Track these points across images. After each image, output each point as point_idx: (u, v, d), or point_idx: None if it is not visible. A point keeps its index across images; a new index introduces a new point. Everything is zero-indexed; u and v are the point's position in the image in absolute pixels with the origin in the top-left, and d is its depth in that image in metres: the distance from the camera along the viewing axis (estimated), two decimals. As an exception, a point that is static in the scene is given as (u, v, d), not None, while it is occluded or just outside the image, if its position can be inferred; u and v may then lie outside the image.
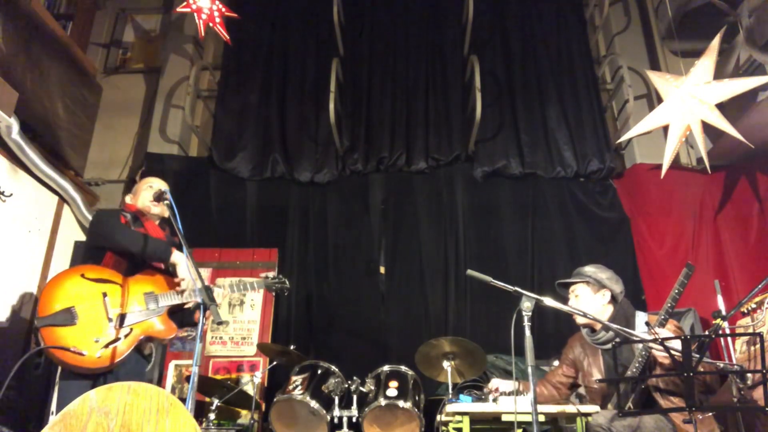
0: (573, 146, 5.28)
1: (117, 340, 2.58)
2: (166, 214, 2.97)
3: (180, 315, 2.88)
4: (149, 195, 2.94)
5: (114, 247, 2.73)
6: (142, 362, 2.79)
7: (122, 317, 2.63)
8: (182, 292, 2.77)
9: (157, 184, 3.00)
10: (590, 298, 2.97)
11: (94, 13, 6.04)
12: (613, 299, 2.97)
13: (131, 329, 2.64)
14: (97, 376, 2.53)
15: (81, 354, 2.46)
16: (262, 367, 4.41)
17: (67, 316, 2.53)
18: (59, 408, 2.56)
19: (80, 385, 2.48)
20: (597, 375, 2.92)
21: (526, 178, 5.26)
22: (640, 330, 2.75)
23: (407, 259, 5.04)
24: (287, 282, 3.27)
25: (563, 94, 5.50)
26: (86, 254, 2.84)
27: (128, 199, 3.08)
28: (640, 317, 2.89)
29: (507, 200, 5.21)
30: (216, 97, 5.80)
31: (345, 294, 4.94)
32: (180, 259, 2.76)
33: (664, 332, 2.53)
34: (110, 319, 2.60)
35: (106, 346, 2.54)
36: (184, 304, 2.81)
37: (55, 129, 4.68)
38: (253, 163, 5.32)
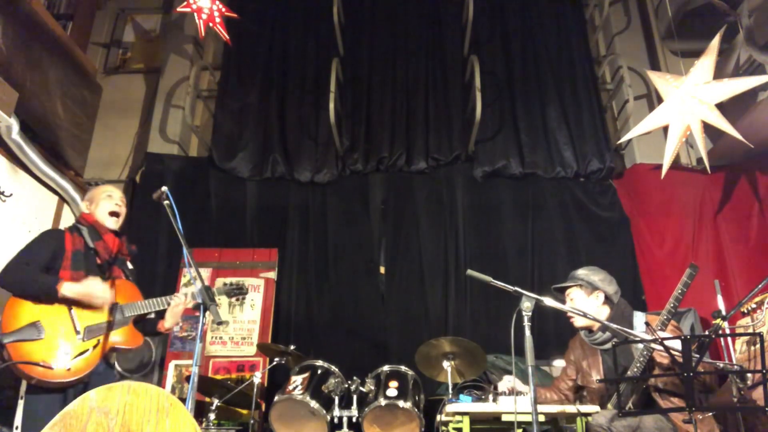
0: (573, 146, 5.27)
1: (85, 351, 2.59)
2: (118, 225, 2.93)
3: (142, 324, 2.90)
4: (108, 206, 2.87)
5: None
6: (110, 371, 2.80)
7: (90, 329, 2.64)
8: (148, 301, 2.81)
9: (116, 194, 2.94)
10: (584, 301, 2.97)
11: (94, 13, 6.04)
12: (608, 300, 2.97)
13: (99, 340, 2.65)
14: (67, 389, 2.53)
15: (50, 368, 2.45)
16: (262, 367, 4.41)
17: (33, 331, 2.52)
18: (25, 424, 2.52)
19: (49, 399, 2.47)
20: (595, 375, 2.92)
21: (526, 178, 5.26)
22: (639, 331, 2.75)
23: (407, 259, 5.04)
24: (243, 287, 3.27)
25: (563, 94, 5.50)
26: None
27: (83, 206, 2.95)
28: (639, 317, 2.89)
29: (507, 200, 5.20)
30: (216, 97, 5.80)
31: (345, 294, 4.94)
32: (68, 289, 2.60)
33: (662, 332, 2.53)
34: (78, 332, 2.61)
35: (76, 358, 2.55)
36: (148, 313, 2.85)
37: (55, 129, 4.67)
38: (253, 163, 5.32)
